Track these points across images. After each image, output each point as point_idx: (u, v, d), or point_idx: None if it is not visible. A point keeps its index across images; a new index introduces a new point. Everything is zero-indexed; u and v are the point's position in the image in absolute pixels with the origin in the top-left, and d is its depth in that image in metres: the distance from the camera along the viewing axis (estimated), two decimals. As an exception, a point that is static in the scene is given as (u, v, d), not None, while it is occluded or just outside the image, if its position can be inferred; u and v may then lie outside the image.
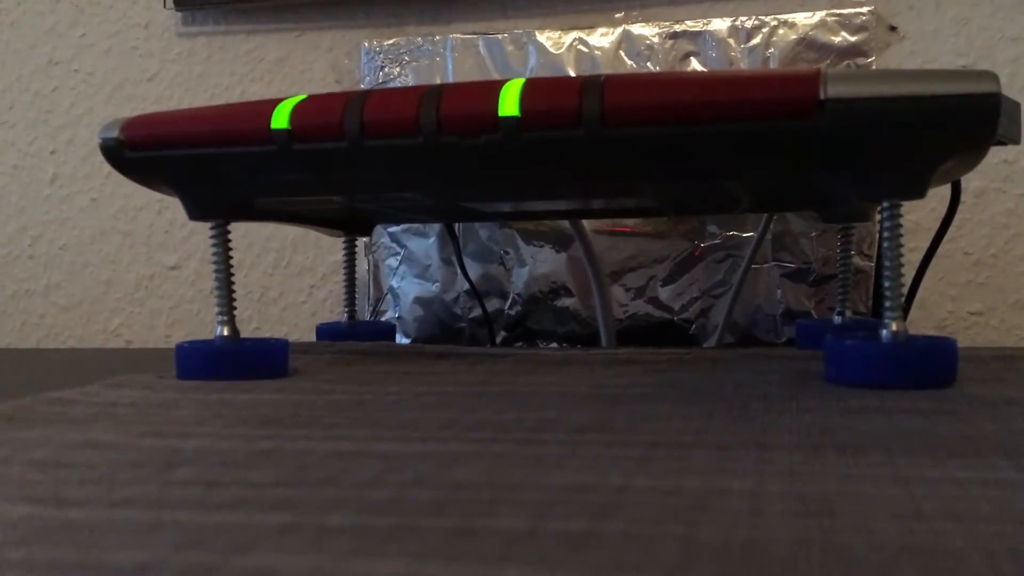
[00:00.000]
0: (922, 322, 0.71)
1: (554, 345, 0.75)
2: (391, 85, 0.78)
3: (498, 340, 0.76)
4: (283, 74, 0.82)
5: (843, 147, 0.40)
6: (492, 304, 0.76)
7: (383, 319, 0.78)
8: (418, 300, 0.77)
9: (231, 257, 0.49)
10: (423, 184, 0.45)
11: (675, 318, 0.73)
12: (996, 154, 0.70)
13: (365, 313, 0.78)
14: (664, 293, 0.73)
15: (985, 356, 0.49)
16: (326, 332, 0.64)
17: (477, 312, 0.76)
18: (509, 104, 0.40)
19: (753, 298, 0.71)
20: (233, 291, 0.49)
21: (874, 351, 0.41)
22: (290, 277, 0.82)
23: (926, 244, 0.59)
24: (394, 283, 0.78)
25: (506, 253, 0.75)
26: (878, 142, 0.40)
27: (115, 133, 0.45)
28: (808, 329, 0.59)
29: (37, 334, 0.86)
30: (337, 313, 0.82)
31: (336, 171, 0.44)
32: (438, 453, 0.28)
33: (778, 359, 0.50)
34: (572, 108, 0.39)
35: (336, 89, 0.80)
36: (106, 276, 0.85)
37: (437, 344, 0.77)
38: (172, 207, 0.84)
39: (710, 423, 0.32)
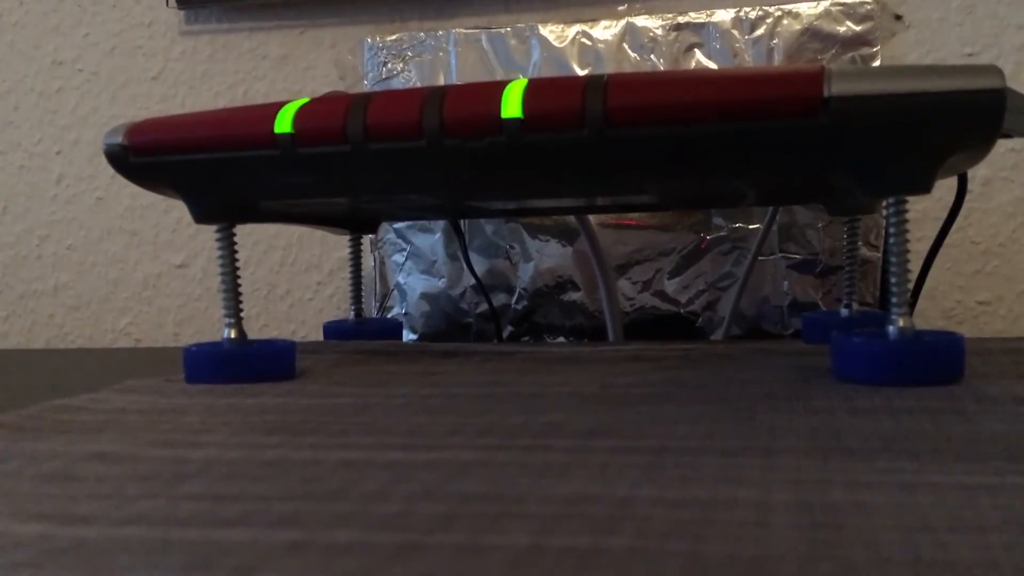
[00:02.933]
0: (930, 311, 0.71)
1: (561, 339, 0.75)
2: (394, 81, 0.78)
3: (505, 335, 0.76)
4: (286, 71, 0.82)
5: (847, 144, 0.40)
6: (498, 299, 0.76)
7: (390, 315, 0.78)
8: (424, 296, 0.77)
9: (237, 260, 0.49)
10: (427, 185, 0.45)
11: (681, 311, 0.73)
12: (1003, 143, 0.70)
13: (372, 310, 0.79)
14: (671, 286, 0.73)
15: (993, 349, 0.49)
16: (333, 331, 0.64)
17: (484, 307, 0.76)
18: (512, 106, 0.40)
19: (760, 290, 0.71)
20: (240, 293, 0.49)
21: (881, 349, 0.41)
22: (296, 274, 0.82)
23: (933, 233, 0.59)
24: (400, 279, 0.78)
25: (512, 248, 0.75)
26: (882, 139, 0.39)
27: (119, 139, 0.45)
28: (814, 322, 0.59)
29: (47, 334, 0.87)
30: (344, 310, 0.82)
31: (340, 174, 0.44)
32: (444, 462, 0.28)
33: (785, 354, 0.50)
34: (575, 109, 0.39)
35: (340, 86, 0.80)
36: (114, 275, 0.85)
37: (444, 340, 0.77)
38: (179, 206, 0.84)
39: (716, 426, 0.32)
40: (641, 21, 0.72)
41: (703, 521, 0.22)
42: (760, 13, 0.70)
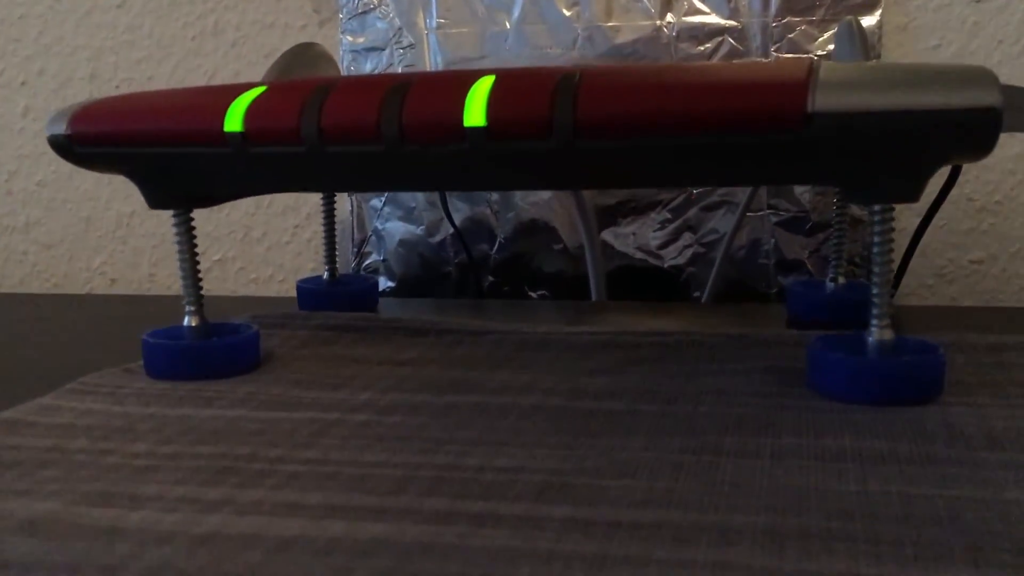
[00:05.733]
0: (921, 270, 0.69)
1: (543, 293, 0.73)
2: (370, 16, 0.74)
3: (485, 285, 0.74)
4: (258, 1, 0.77)
5: (831, 156, 0.38)
6: (479, 248, 0.74)
7: (368, 261, 0.77)
8: (403, 243, 0.75)
9: (196, 244, 0.47)
10: (389, 183, 0.43)
11: (665, 264, 0.71)
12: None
13: (349, 254, 0.77)
14: (656, 240, 0.71)
15: (978, 346, 0.47)
16: (306, 293, 0.62)
17: (464, 255, 0.74)
18: (475, 113, 0.37)
19: (746, 247, 0.69)
20: (200, 279, 0.47)
21: (857, 368, 0.39)
22: (273, 217, 0.80)
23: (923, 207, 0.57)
24: (378, 225, 0.76)
25: (493, 195, 0.73)
26: (868, 152, 0.37)
27: (63, 128, 0.43)
28: (799, 296, 0.57)
29: (20, 272, 0.85)
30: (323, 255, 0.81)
31: (295, 172, 0.41)
32: (386, 541, 0.27)
33: (764, 347, 0.48)
34: (542, 118, 0.37)
35: (313, 20, 0.76)
36: (86, 213, 0.83)
37: (422, 289, 0.75)
38: (149, 142, 0.81)
39: (677, 484, 0.31)
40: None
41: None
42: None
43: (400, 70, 0.74)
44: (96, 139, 0.42)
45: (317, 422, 0.38)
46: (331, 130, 0.39)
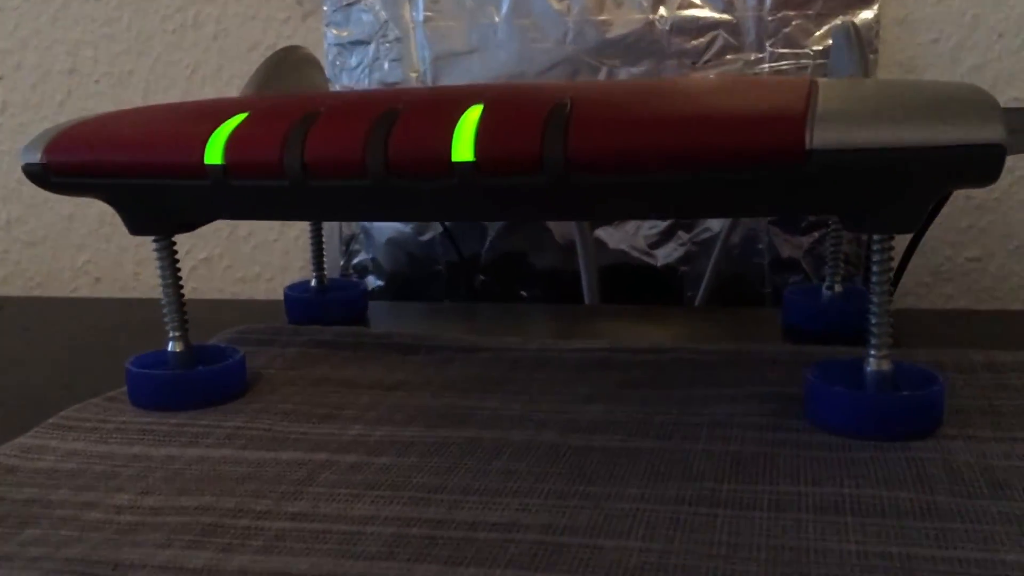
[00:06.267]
0: (918, 269, 0.68)
1: (535, 292, 0.72)
2: (354, 9, 0.72)
3: (476, 284, 0.73)
4: (240, -7, 0.76)
5: (829, 189, 0.36)
6: (470, 247, 0.73)
7: (356, 259, 0.75)
8: (391, 241, 0.74)
9: (179, 269, 0.46)
10: (376, 215, 0.42)
11: (659, 263, 0.70)
12: (1005, 97, 0.65)
13: (337, 251, 0.75)
14: (649, 238, 0.70)
15: (976, 364, 0.46)
16: (294, 302, 0.61)
17: (455, 255, 0.73)
18: (463, 148, 0.36)
19: (740, 246, 0.68)
20: (184, 304, 0.46)
21: (855, 403, 0.38)
22: (259, 214, 0.78)
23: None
24: (366, 222, 0.75)
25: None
26: (867, 184, 0.36)
27: (38, 158, 0.41)
28: (795, 305, 0.57)
29: (3, 271, 0.84)
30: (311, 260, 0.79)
31: (279, 203, 0.40)
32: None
33: (762, 369, 0.47)
34: (533, 154, 0.36)
35: (296, 12, 0.74)
36: (68, 211, 0.82)
37: (412, 289, 0.74)
38: (131, 138, 0.79)
39: (671, 546, 0.30)
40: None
41: None
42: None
43: (386, 65, 0.73)
44: (72, 169, 0.41)
45: (305, 465, 0.38)
46: (315, 164, 0.37)
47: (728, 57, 0.67)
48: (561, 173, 0.35)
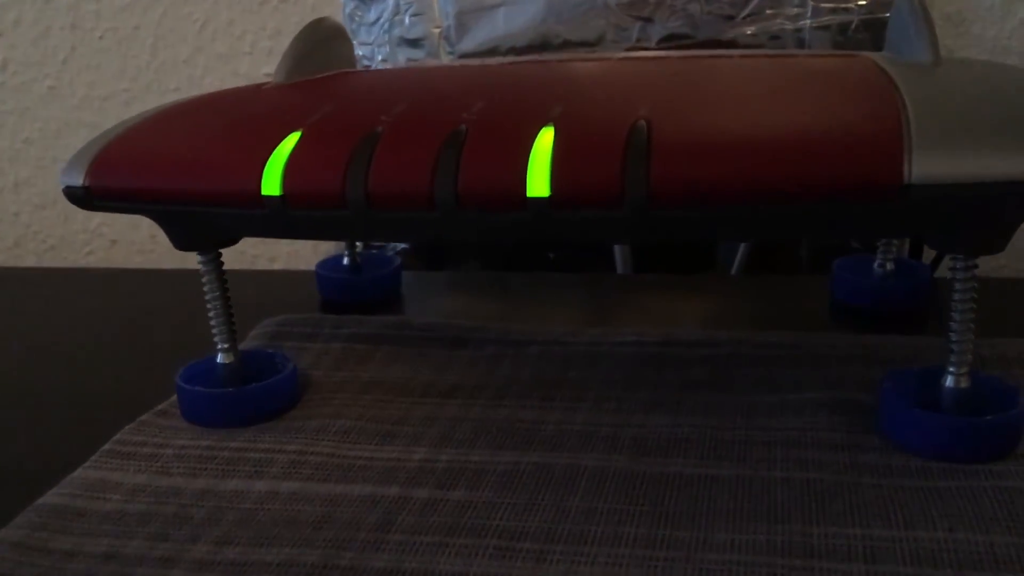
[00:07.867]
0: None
1: (565, 256, 0.71)
2: (375, -38, 0.69)
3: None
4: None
5: (923, 217, 0.35)
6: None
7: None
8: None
9: (226, 282, 0.44)
10: (443, 241, 0.40)
11: (695, 227, 0.68)
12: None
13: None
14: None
15: (1009, 356, 0.46)
16: (327, 282, 0.59)
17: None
18: (539, 183, 0.34)
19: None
20: (232, 317, 0.45)
21: (936, 426, 0.38)
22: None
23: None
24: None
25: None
26: (964, 215, 0.34)
27: (80, 181, 0.39)
28: (845, 280, 0.55)
29: (15, 233, 0.82)
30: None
31: (340, 230, 0.38)
32: None
33: (823, 367, 0.46)
34: (614, 188, 0.34)
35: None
36: (79, 172, 0.79)
37: (440, 257, 0.73)
38: (139, 97, 0.76)
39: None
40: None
41: None
42: None
43: (407, 20, 0.69)
44: (118, 195, 0.39)
45: (379, 503, 0.37)
46: (379, 195, 0.36)
47: (768, 12, 0.64)
48: (643, 207, 0.34)
